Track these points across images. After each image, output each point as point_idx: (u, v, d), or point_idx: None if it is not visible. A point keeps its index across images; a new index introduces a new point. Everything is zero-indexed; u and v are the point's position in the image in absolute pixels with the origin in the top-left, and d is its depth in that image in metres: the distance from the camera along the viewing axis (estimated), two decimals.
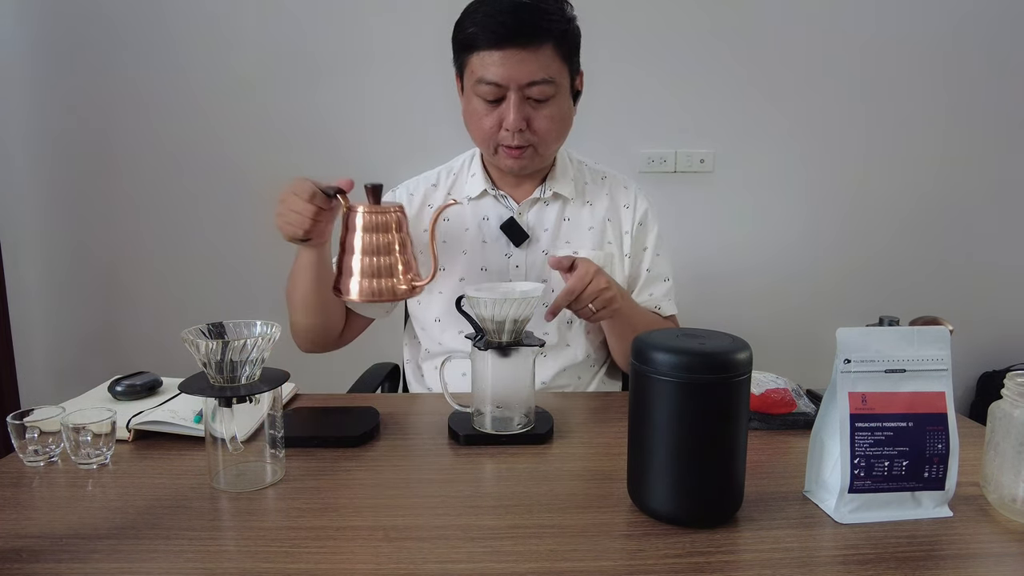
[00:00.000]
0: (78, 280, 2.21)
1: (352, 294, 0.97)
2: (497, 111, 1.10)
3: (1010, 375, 0.75)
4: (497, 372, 0.92)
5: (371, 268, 0.96)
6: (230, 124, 2.13)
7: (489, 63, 1.06)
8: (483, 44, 1.06)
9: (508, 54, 1.05)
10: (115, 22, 2.08)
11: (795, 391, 0.99)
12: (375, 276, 0.97)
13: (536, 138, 1.12)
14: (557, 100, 1.11)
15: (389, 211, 0.97)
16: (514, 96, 1.08)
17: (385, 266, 0.97)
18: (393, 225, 0.97)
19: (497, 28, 1.04)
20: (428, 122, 2.08)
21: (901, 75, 2.19)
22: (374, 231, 0.96)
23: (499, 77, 1.06)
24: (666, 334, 0.74)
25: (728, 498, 0.72)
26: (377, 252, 0.96)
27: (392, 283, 0.97)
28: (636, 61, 2.14)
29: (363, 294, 0.97)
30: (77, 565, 0.64)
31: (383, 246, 0.97)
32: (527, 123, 1.10)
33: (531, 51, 1.05)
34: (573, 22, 1.11)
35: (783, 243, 2.27)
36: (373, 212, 0.96)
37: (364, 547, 0.67)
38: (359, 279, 0.97)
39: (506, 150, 1.14)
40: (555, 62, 1.08)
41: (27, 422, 0.85)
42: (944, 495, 0.73)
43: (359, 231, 0.96)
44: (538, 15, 1.05)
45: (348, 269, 0.97)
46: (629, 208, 1.27)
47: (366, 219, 0.96)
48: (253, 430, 0.91)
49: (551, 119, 1.11)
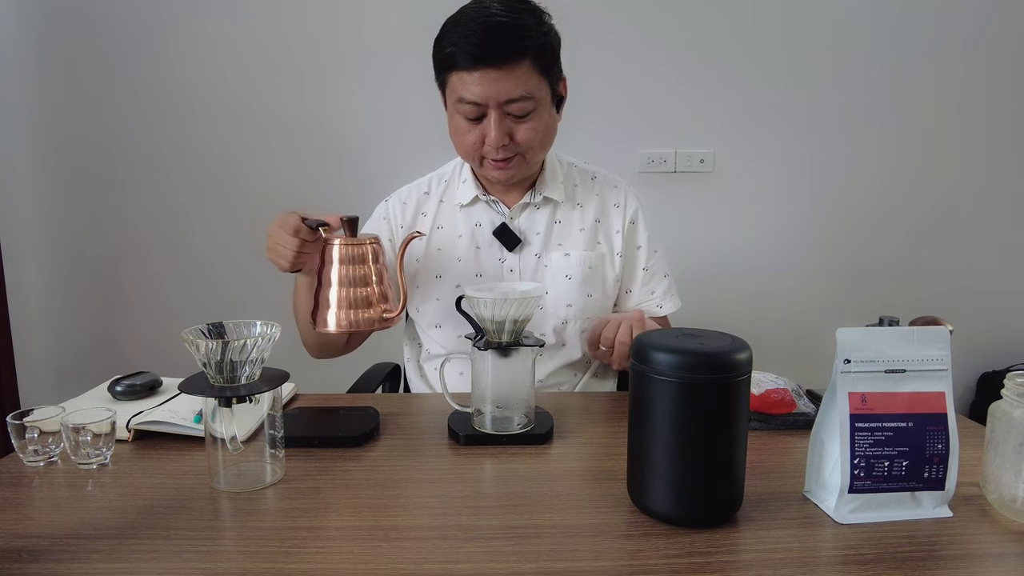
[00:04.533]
0: (78, 280, 2.21)
1: (329, 326, 0.98)
2: (479, 128, 1.11)
3: (1010, 375, 0.75)
4: (497, 372, 0.92)
5: (347, 300, 0.98)
6: (230, 125, 2.14)
7: (468, 82, 1.06)
8: (460, 64, 1.06)
9: (485, 74, 1.05)
10: (114, 26, 2.08)
11: (795, 391, 0.99)
12: (351, 308, 0.98)
13: (520, 148, 1.12)
14: (538, 113, 1.11)
15: (364, 243, 0.99)
16: (494, 114, 1.08)
17: (361, 297, 0.98)
18: (369, 257, 0.99)
19: (472, 49, 1.04)
20: (421, 125, 2.07)
21: (901, 75, 2.19)
22: (349, 263, 0.98)
23: (477, 96, 1.06)
24: (666, 334, 0.74)
25: (728, 498, 0.72)
26: (352, 284, 0.98)
27: (369, 314, 0.98)
28: (636, 61, 2.14)
29: (339, 326, 0.98)
30: (77, 565, 0.64)
31: (358, 278, 0.98)
32: (509, 137, 1.11)
33: (507, 69, 1.05)
34: (551, 33, 1.11)
35: (783, 243, 2.27)
36: (348, 244, 0.98)
37: (364, 547, 0.67)
38: (335, 311, 0.98)
39: (492, 163, 1.14)
40: (533, 77, 1.08)
41: (27, 422, 0.86)
42: (944, 495, 0.73)
43: (335, 263, 0.98)
44: (513, 33, 1.04)
45: (325, 301, 0.99)
46: (620, 207, 1.27)
47: (341, 252, 0.98)
48: (253, 430, 0.91)
49: (533, 131, 1.11)
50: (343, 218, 0.99)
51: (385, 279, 1.01)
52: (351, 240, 0.98)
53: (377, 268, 1.00)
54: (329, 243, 0.98)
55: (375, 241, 1.00)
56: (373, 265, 0.99)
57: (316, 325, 0.99)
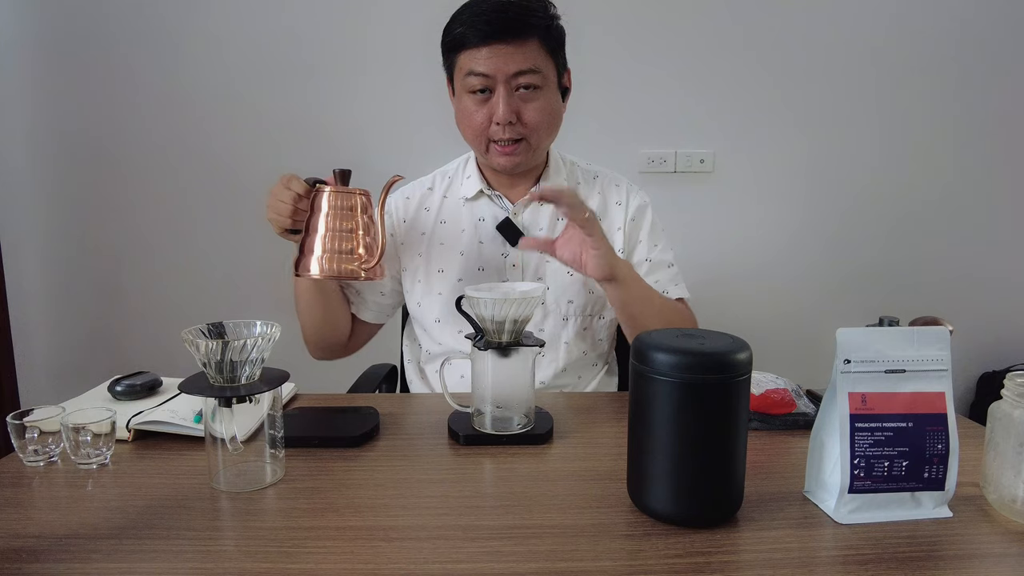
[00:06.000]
0: (78, 280, 2.21)
1: (312, 271, 0.99)
2: (487, 106, 1.12)
3: (1010, 375, 0.75)
4: (497, 372, 0.92)
5: (331, 248, 0.98)
6: (230, 125, 2.14)
7: (477, 58, 1.10)
8: (471, 42, 1.10)
9: (495, 48, 1.09)
10: (114, 25, 2.08)
11: (795, 391, 0.99)
12: (334, 254, 0.98)
13: (526, 130, 1.14)
14: (545, 92, 1.13)
15: (353, 192, 0.99)
16: (502, 88, 1.10)
17: (345, 248, 0.98)
18: (357, 207, 0.99)
19: (483, 26, 1.08)
20: (425, 124, 2.08)
21: (902, 75, 2.19)
22: (338, 211, 0.98)
23: (487, 69, 1.09)
24: (666, 334, 0.74)
25: (728, 498, 0.72)
26: (339, 232, 0.98)
27: (351, 265, 0.99)
28: (636, 61, 2.15)
29: (322, 271, 0.98)
30: (77, 565, 0.64)
31: (344, 228, 0.98)
32: (517, 116, 1.12)
33: (517, 45, 1.09)
34: (556, 20, 1.15)
35: (783, 243, 2.27)
36: (337, 192, 0.98)
37: (364, 547, 0.67)
38: (319, 256, 0.98)
39: (498, 147, 1.15)
40: (541, 55, 1.11)
41: (27, 422, 0.86)
42: (944, 495, 0.73)
43: (323, 210, 0.98)
44: (523, 12, 1.09)
45: (310, 248, 0.99)
46: (621, 205, 1.27)
47: (331, 199, 0.98)
48: (253, 430, 0.91)
49: (540, 111, 1.13)
50: (336, 171, 1.01)
51: (372, 232, 1.01)
52: (341, 188, 0.99)
53: (364, 220, 1.00)
54: (320, 191, 0.99)
55: (364, 193, 1.01)
56: (361, 216, 1.00)
57: (298, 271, 1.00)
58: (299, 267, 1.00)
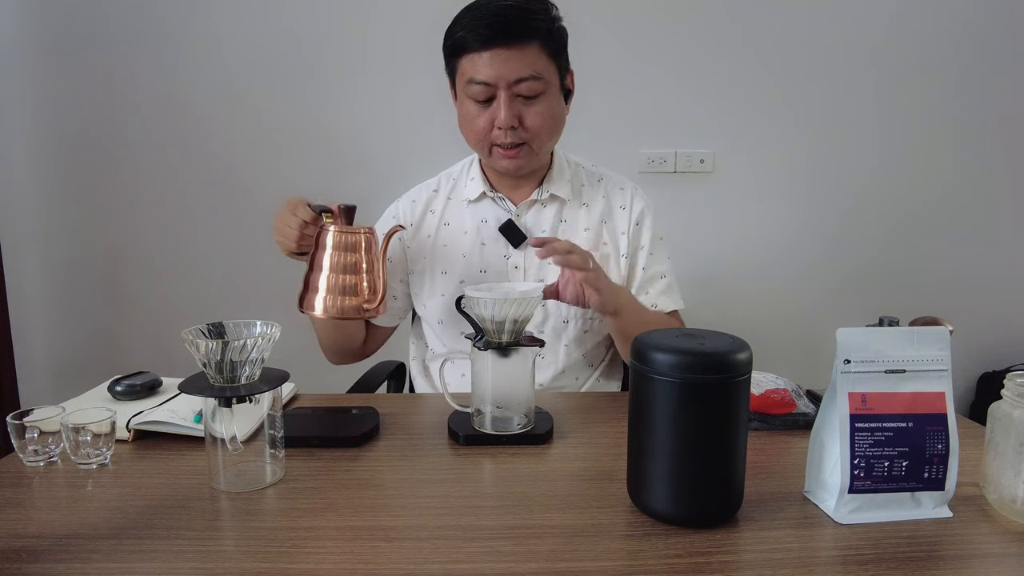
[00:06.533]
0: (78, 280, 2.21)
1: (316, 310, 1.00)
2: (489, 111, 1.12)
3: (1010, 375, 0.75)
4: (497, 372, 0.92)
5: (335, 286, 0.99)
6: (230, 125, 2.14)
7: (478, 64, 1.09)
8: (471, 46, 1.09)
9: (495, 53, 1.08)
10: (114, 25, 2.08)
11: (795, 391, 0.99)
12: (338, 294, 0.99)
13: (528, 135, 1.13)
14: (547, 97, 1.13)
15: (357, 232, 1.00)
16: (504, 94, 1.10)
17: (349, 285, 0.99)
18: (361, 245, 1.00)
19: (484, 30, 1.07)
20: (427, 126, 2.08)
21: (903, 75, 2.19)
22: (341, 250, 0.99)
23: (488, 76, 1.09)
24: (666, 334, 0.74)
25: (728, 498, 0.72)
26: (342, 271, 0.99)
27: (354, 302, 1.00)
28: (636, 61, 2.15)
29: (326, 311, 0.99)
30: (77, 565, 0.64)
31: (349, 265, 0.99)
32: (519, 121, 1.12)
33: (517, 49, 1.08)
34: (558, 22, 1.14)
35: (783, 243, 2.27)
36: (342, 232, 0.99)
37: (364, 547, 0.67)
38: (323, 296, 0.99)
39: (500, 151, 1.15)
40: (542, 59, 1.10)
41: (27, 422, 0.86)
42: (944, 495, 0.73)
43: (328, 249, 0.99)
44: (523, 15, 1.08)
45: (314, 286, 1.00)
46: (625, 209, 1.27)
47: (335, 238, 0.99)
48: (253, 430, 0.91)
49: (542, 115, 1.13)
50: (340, 206, 1.01)
51: (376, 270, 1.02)
52: (345, 228, 1.00)
53: (368, 258, 1.01)
54: (324, 228, 1.00)
55: (369, 231, 1.01)
56: (365, 254, 1.00)
57: (303, 308, 1.01)
58: (303, 304, 1.01)
